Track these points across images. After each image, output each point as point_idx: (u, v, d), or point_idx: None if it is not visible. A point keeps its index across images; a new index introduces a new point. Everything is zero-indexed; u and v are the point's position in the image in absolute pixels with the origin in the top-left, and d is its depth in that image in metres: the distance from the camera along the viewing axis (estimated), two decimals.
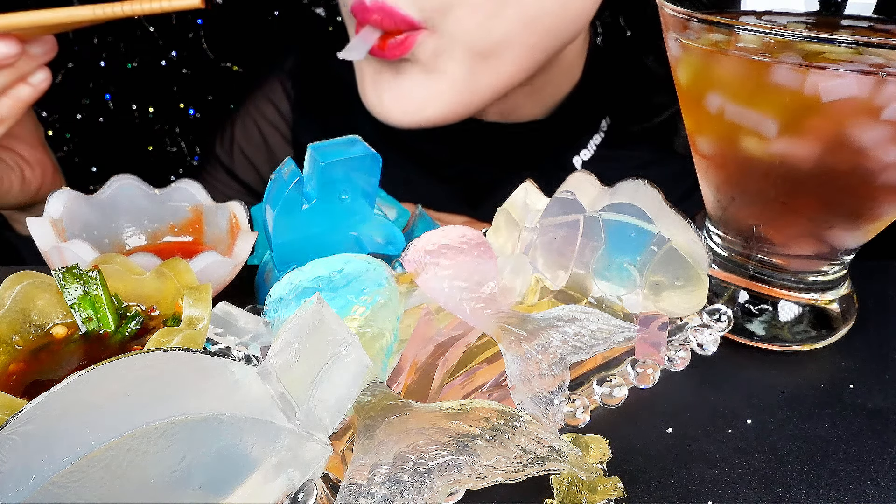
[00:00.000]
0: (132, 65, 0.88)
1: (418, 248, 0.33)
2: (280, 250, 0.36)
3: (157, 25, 0.86)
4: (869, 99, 0.28)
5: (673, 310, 0.33)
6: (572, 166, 0.64)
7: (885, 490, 0.28)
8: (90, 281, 0.29)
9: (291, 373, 0.22)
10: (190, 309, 0.28)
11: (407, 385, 0.29)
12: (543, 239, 0.34)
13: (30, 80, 0.48)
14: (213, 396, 0.21)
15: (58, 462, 0.18)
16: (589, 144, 0.65)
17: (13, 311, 0.29)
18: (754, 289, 0.37)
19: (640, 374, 0.31)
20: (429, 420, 0.23)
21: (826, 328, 0.36)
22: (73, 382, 0.19)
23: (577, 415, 0.29)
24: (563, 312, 0.29)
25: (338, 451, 0.26)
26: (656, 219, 0.33)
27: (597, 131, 0.66)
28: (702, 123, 0.35)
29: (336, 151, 0.35)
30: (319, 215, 0.36)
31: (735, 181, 0.35)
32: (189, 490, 0.20)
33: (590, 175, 0.37)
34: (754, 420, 0.32)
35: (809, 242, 0.35)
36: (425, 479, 0.22)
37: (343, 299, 0.29)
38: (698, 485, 0.28)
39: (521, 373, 0.26)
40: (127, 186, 0.39)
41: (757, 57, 0.30)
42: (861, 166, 0.30)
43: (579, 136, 0.65)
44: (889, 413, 0.32)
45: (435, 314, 0.32)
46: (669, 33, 0.34)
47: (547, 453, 0.23)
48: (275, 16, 0.87)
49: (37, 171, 0.57)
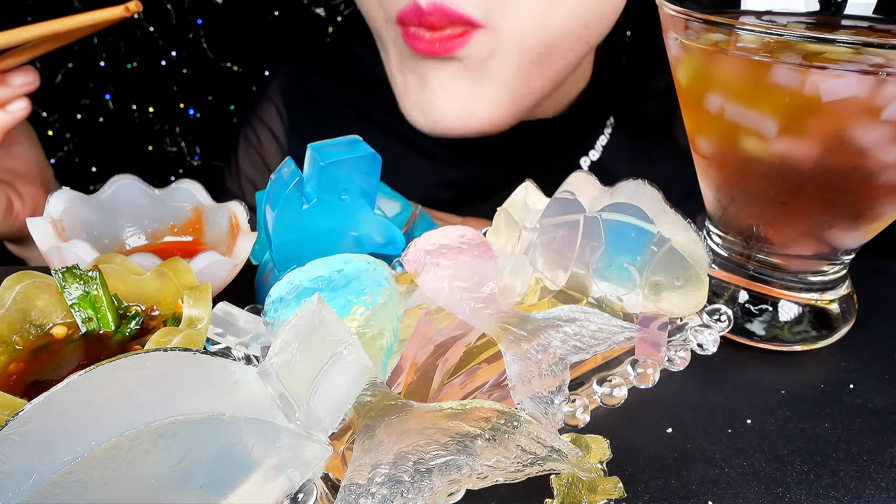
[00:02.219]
0: (132, 65, 0.88)
1: (418, 248, 0.33)
2: (280, 250, 0.36)
3: (157, 25, 0.86)
4: (869, 99, 0.28)
5: (673, 310, 0.33)
6: (579, 167, 0.64)
7: (885, 490, 0.28)
8: (90, 281, 0.29)
9: (291, 373, 0.22)
10: (190, 309, 0.28)
11: (407, 385, 0.29)
12: (543, 239, 0.34)
13: (8, 108, 0.48)
14: (213, 396, 0.21)
15: (58, 462, 0.18)
16: (596, 145, 0.65)
17: (13, 311, 0.29)
18: (754, 289, 0.37)
19: (640, 374, 0.31)
20: (429, 420, 0.23)
21: (826, 328, 0.36)
22: (73, 382, 0.19)
23: (577, 415, 0.29)
24: (563, 312, 0.29)
25: (338, 451, 0.26)
26: (656, 219, 0.33)
27: (602, 131, 0.66)
28: (702, 123, 0.35)
29: (336, 151, 0.35)
30: (319, 215, 0.36)
31: (735, 181, 0.35)
32: (189, 490, 0.20)
33: (590, 175, 0.37)
34: (754, 420, 0.32)
35: (809, 242, 0.35)
36: (425, 479, 0.22)
37: (343, 299, 0.29)
38: (698, 485, 0.28)
39: (521, 373, 0.26)
40: (127, 186, 0.39)
41: (757, 57, 0.30)
42: (861, 166, 0.30)
43: (587, 136, 0.65)
44: (889, 413, 0.32)
45: (435, 314, 0.32)
46: (669, 33, 0.34)
47: (547, 453, 0.23)
48: (275, 16, 0.87)
49: (27, 206, 0.56)
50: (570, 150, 0.65)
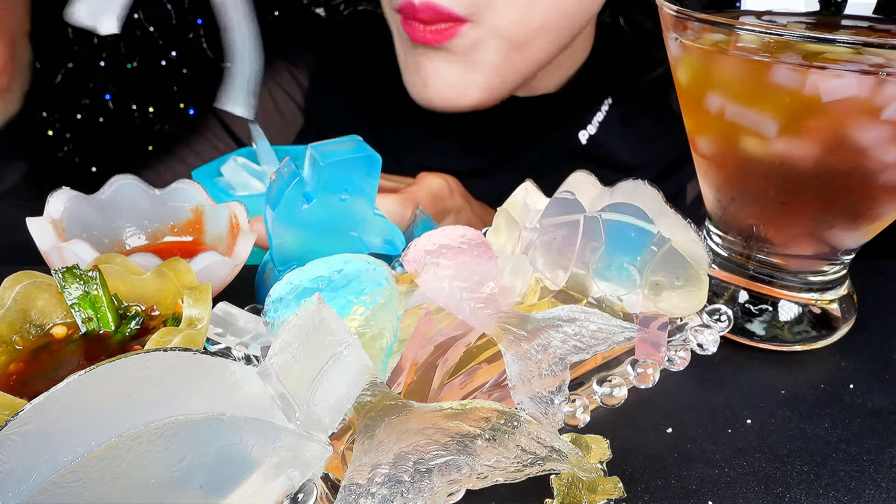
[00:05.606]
0: (132, 65, 0.88)
1: (418, 248, 0.33)
2: (280, 250, 0.36)
3: (157, 25, 0.86)
4: (869, 99, 0.28)
5: (673, 310, 0.33)
6: (577, 141, 0.67)
7: (885, 490, 0.28)
8: (90, 281, 0.29)
9: (291, 373, 0.22)
10: (190, 309, 0.28)
11: (407, 385, 0.29)
12: (543, 239, 0.34)
13: None
14: (213, 396, 0.21)
15: (58, 462, 0.18)
16: (593, 120, 0.68)
17: (13, 311, 0.29)
18: (754, 289, 0.37)
19: (640, 374, 0.31)
20: (429, 420, 0.23)
21: (826, 328, 0.36)
22: (73, 382, 0.19)
23: (577, 415, 0.29)
24: (563, 312, 0.29)
25: (338, 451, 0.26)
26: (656, 219, 0.33)
27: (599, 108, 0.68)
28: (702, 123, 0.35)
29: (336, 151, 0.35)
30: (319, 215, 0.36)
31: (735, 181, 0.35)
32: (189, 490, 0.20)
33: (590, 175, 0.37)
34: (754, 420, 0.32)
35: (809, 242, 0.35)
36: (425, 479, 0.22)
37: (343, 299, 0.29)
38: (698, 485, 0.28)
39: (521, 373, 0.26)
40: (127, 186, 0.39)
41: (757, 57, 0.30)
42: (861, 166, 0.30)
43: (585, 111, 0.68)
44: (889, 413, 0.32)
45: (435, 314, 0.32)
46: (669, 33, 0.34)
47: (547, 453, 0.23)
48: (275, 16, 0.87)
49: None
50: (569, 123, 0.68)
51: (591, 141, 0.67)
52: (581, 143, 0.67)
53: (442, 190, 0.52)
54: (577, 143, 0.67)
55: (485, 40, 0.54)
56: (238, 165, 0.49)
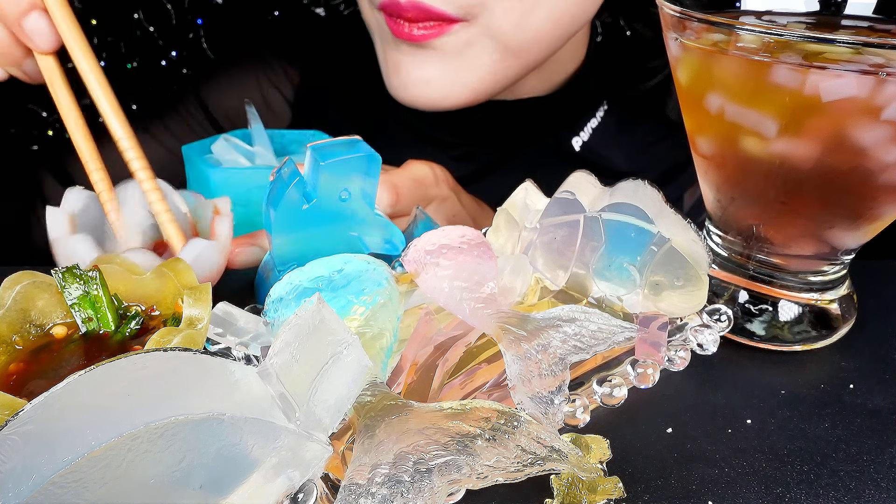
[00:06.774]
0: (132, 65, 0.88)
1: (418, 248, 0.33)
2: (280, 250, 0.36)
3: (157, 25, 0.86)
4: (869, 99, 0.28)
5: (673, 310, 0.33)
6: (570, 147, 0.66)
7: (885, 490, 0.28)
8: (90, 281, 0.29)
9: (291, 373, 0.22)
10: (190, 309, 0.28)
11: (407, 385, 0.29)
12: (543, 239, 0.34)
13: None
14: (213, 396, 0.21)
15: (58, 462, 0.18)
16: (587, 127, 0.67)
17: (13, 311, 0.29)
18: (754, 289, 0.37)
19: (640, 374, 0.31)
20: (429, 420, 0.23)
21: (826, 328, 0.36)
22: (73, 382, 0.19)
23: (577, 415, 0.29)
24: (563, 312, 0.29)
25: (338, 451, 0.26)
26: (656, 219, 0.33)
27: (594, 115, 0.67)
28: (702, 123, 0.35)
29: (336, 151, 0.35)
30: (319, 215, 0.36)
31: (735, 181, 0.35)
32: (189, 490, 0.20)
33: (590, 175, 0.37)
34: (754, 420, 0.32)
35: (809, 242, 0.35)
36: (425, 479, 0.22)
37: (343, 299, 0.29)
38: (698, 485, 0.28)
39: (521, 373, 0.26)
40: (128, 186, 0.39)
41: (757, 57, 0.30)
42: (861, 166, 0.30)
43: (578, 116, 0.67)
44: (889, 413, 0.32)
45: (435, 314, 0.32)
46: (669, 33, 0.34)
47: (547, 453, 0.23)
48: (275, 16, 0.87)
49: None
50: (562, 129, 0.67)
51: (585, 147, 0.66)
52: (574, 149, 0.66)
53: (426, 177, 0.49)
54: (570, 150, 0.66)
55: (478, 41, 0.52)
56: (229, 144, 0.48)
